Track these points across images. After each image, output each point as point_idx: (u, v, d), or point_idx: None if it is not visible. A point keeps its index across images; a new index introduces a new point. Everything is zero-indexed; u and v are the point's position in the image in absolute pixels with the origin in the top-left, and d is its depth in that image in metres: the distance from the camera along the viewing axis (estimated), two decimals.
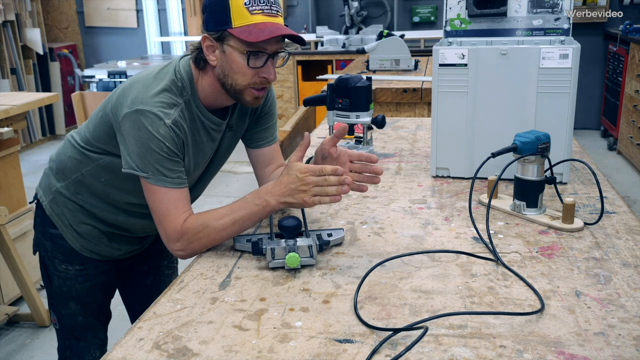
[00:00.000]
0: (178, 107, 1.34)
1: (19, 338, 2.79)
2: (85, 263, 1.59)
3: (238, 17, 1.28)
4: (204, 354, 0.93)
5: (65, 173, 1.53)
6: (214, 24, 1.30)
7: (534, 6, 1.72)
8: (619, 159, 5.25)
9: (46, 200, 1.57)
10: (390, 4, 6.34)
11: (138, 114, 1.29)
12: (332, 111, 1.97)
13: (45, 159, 5.82)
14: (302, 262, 1.19)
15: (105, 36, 7.18)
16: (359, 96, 1.91)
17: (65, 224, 1.56)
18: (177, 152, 1.32)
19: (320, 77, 4.06)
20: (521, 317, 1.00)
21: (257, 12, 1.29)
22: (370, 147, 2.02)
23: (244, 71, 1.32)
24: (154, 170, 1.29)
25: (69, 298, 1.62)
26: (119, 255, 1.64)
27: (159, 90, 1.33)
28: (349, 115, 1.92)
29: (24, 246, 2.96)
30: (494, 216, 1.44)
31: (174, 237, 1.30)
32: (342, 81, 1.91)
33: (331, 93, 1.95)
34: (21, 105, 2.83)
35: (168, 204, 1.30)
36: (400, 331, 0.96)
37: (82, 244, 1.57)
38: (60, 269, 1.60)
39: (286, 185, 1.25)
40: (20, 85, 6.04)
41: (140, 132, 1.28)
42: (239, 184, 4.91)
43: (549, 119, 1.58)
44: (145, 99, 1.31)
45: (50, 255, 1.60)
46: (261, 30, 1.29)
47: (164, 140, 1.29)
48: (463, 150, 1.68)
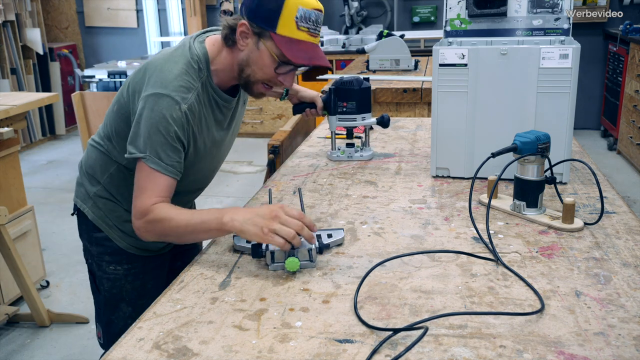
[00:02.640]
0: (195, 90, 1.37)
1: (19, 338, 2.79)
2: (134, 262, 1.60)
3: (285, 25, 1.32)
4: (204, 354, 0.93)
5: (96, 177, 1.55)
6: (260, 19, 1.33)
7: (534, 6, 1.72)
8: (619, 159, 5.25)
9: (87, 207, 1.58)
10: (390, 4, 6.34)
11: (156, 98, 1.31)
12: (334, 116, 1.91)
13: (45, 159, 5.82)
14: (302, 266, 1.18)
15: (105, 36, 7.18)
16: (366, 98, 1.90)
17: (110, 224, 1.57)
18: (182, 139, 1.35)
19: (320, 77, 4.06)
20: (521, 317, 1.00)
21: (304, 29, 1.34)
22: (369, 149, 2.00)
23: (268, 71, 1.38)
24: (152, 152, 1.31)
25: (119, 300, 1.62)
26: (163, 248, 1.64)
27: (178, 74, 1.35)
28: (355, 118, 1.89)
29: (24, 246, 2.96)
30: (494, 216, 1.44)
31: (138, 214, 1.31)
32: (345, 84, 1.88)
33: (334, 97, 1.89)
34: (21, 105, 2.83)
35: (149, 183, 1.31)
36: (400, 331, 0.96)
37: (128, 241, 1.58)
38: (109, 270, 1.60)
39: (252, 211, 1.20)
40: (20, 85, 6.04)
41: (153, 114, 1.31)
42: (239, 184, 4.91)
43: (549, 119, 1.58)
44: (164, 83, 1.33)
45: (98, 260, 1.60)
46: (303, 52, 1.34)
47: (174, 125, 1.32)
48: (463, 150, 1.68)
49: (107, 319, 1.64)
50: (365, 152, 1.96)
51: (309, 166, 1.91)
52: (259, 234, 1.17)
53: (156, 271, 1.66)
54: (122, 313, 1.62)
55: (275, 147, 2.34)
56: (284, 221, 1.16)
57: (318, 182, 1.75)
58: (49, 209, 4.42)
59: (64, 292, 3.22)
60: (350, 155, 1.94)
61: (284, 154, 2.40)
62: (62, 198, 4.66)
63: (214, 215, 1.24)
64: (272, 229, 1.15)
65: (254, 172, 5.21)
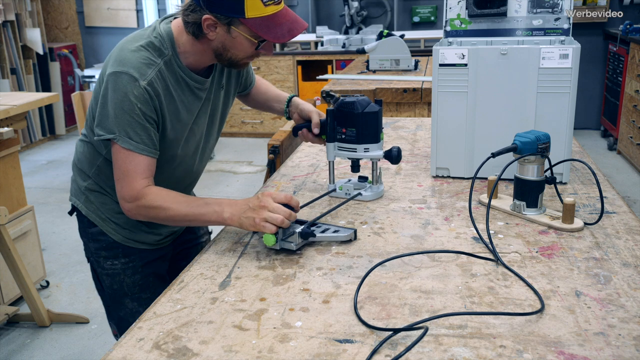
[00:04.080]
0: (155, 66, 1.37)
1: (19, 338, 2.79)
2: (130, 255, 1.60)
3: (252, 8, 1.30)
4: (204, 354, 0.93)
5: (85, 171, 1.56)
6: (224, 10, 1.31)
7: (534, 6, 1.72)
8: (619, 159, 5.25)
9: (80, 202, 1.59)
10: (390, 4, 6.34)
11: (116, 76, 1.33)
12: (332, 143, 1.59)
13: (45, 159, 5.82)
14: (282, 245, 1.27)
15: (105, 36, 7.18)
16: (368, 125, 1.53)
17: (103, 218, 1.57)
18: (149, 115, 1.35)
19: (320, 77, 4.06)
20: (521, 317, 1.00)
21: (270, 3, 1.32)
22: (381, 186, 1.62)
23: (248, 51, 1.38)
24: (122, 132, 1.33)
25: (122, 295, 1.62)
26: (160, 240, 1.64)
27: (136, 51, 1.36)
28: (356, 148, 1.55)
29: (24, 246, 2.96)
30: (494, 216, 1.44)
31: (127, 197, 1.36)
32: (345, 106, 1.53)
33: (332, 121, 1.57)
34: (21, 105, 2.83)
35: (129, 165, 1.35)
36: (400, 331, 0.96)
37: (122, 234, 1.58)
38: (106, 266, 1.60)
39: (245, 204, 1.30)
40: (20, 85, 6.04)
41: (116, 94, 1.33)
42: (239, 184, 4.91)
43: (549, 119, 1.58)
44: (122, 60, 1.34)
45: (96, 255, 1.61)
46: (279, 27, 1.33)
47: (137, 102, 1.32)
48: (463, 150, 1.68)
49: (117, 316, 1.66)
50: (369, 191, 1.58)
51: (309, 166, 1.91)
52: (252, 224, 1.27)
53: (156, 264, 1.65)
54: (128, 309, 1.63)
55: (275, 147, 2.34)
56: (272, 209, 1.26)
57: (318, 182, 1.75)
58: (49, 209, 4.42)
59: (64, 292, 3.22)
60: (348, 193, 1.59)
61: (284, 154, 2.40)
62: (62, 198, 4.66)
63: (213, 209, 1.32)
64: (262, 218, 1.25)
65: (254, 172, 5.21)
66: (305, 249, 1.29)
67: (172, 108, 1.42)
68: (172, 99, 1.41)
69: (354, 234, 1.33)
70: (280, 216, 1.25)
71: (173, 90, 1.41)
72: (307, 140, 1.69)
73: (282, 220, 1.25)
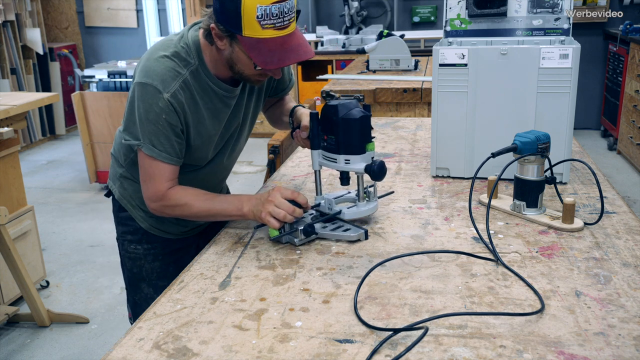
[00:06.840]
0: (180, 77, 1.38)
1: (19, 338, 2.79)
2: (153, 242, 1.65)
3: (249, 27, 1.26)
4: (204, 354, 0.93)
5: (120, 160, 1.62)
6: (226, 22, 1.28)
7: (534, 6, 1.72)
8: (619, 159, 5.25)
9: (115, 187, 1.66)
10: (390, 4, 6.34)
11: (141, 87, 1.36)
12: (317, 151, 1.41)
13: (45, 159, 5.82)
14: (285, 239, 1.33)
15: (105, 36, 7.18)
16: (349, 132, 1.32)
17: (133, 204, 1.63)
18: (174, 125, 1.38)
19: (320, 77, 4.06)
20: (521, 317, 1.00)
21: (269, 26, 1.26)
22: (372, 203, 1.42)
23: (249, 68, 1.37)
24: (146, 140, 1.38)
25: (140, 279, 1.68)
26: (186, 232, 1.68)
27: (162, 63, 1.37)
28: (336, 158, 1.35)
29: (24, 246, 2.96)
30: (494, 216, 1.44)
31: (153, 198, 1.43)
32: (328, 109, 1.35)
33: (316, 126, 1.39)
34: (21, 105, 2.83)
35: (154, 170, 1.41)
36: (400, 331, 0.96)
37: (149, 222, 1.63)
38: (130, 249, 1.67)
39: (259, 198, 1.36)
40: (20, 85, 6.04)
41: (141, 104, 1.36)
42: (239, 184, 4.91)
43: (549, 119, 1.58)
44: (148, 71, 1.37)
45: (121, 238, 1.68)
46: (270, 54, 1.28)
47: (162, 113, 1.36)
48: (463, 150, 1.68)
49: (133, 299, 1.72)
50: (359, 207, 1.40)
51: (309, 166, 1.91)
52: (260, 217, 1.34)
53: (179, 254, 1.68)
54: (144, 294, 1.68)
55: (275, 147, 2.34)
56: (278, 204, 1.31)
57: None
58: (49, 209, 4.41)
59: (64, 292, 3.22)
60: (330, 208, 1.40)
61: (284, 154, 2.40)
62: (62, 198, 4.65)
63: (235, 205, 1.39)
64: (268, 212, 1.31)
65: (254, 172, 5.21)
66: (306, 249, 1.29)
67: (196, 117, 1.43)
68: (197, 108, 1.42)
69: (364, 234, 1.33)
70: (282, 211, 1.29)
71: (199, 99, 1.42)
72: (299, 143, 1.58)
73: (284, 215, 1.29)
